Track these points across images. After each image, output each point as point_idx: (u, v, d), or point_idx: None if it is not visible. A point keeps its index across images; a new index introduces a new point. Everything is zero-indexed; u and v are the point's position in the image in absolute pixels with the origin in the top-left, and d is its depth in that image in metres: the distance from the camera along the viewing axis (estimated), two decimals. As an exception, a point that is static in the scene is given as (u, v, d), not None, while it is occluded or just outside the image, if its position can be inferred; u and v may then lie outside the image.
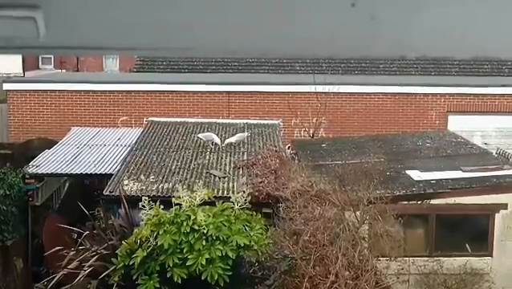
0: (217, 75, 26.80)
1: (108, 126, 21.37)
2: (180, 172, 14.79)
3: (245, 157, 15.88)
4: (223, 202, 11.94)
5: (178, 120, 19.60)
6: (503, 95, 23.53)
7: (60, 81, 24.26)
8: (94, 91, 23.09)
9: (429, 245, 14.11)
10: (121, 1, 1.35)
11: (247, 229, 11.40)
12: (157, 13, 1.35)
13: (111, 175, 14.83)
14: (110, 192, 13.59)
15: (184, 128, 18.50)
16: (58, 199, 17.66)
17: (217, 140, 16.62)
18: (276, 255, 11.86)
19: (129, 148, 16.98)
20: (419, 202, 13.82)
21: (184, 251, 11.01)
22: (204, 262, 10.85)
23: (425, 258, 13.63)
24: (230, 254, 11.01)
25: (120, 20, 1.36)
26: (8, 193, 15.24)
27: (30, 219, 16.15)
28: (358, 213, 12.28)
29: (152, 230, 11.24)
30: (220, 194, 13.25)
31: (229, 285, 11.10)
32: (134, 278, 11.29)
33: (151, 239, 11.16)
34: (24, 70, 33.41)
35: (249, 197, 12.01)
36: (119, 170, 14.93)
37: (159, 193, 13.43)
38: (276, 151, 15.98)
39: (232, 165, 15.32)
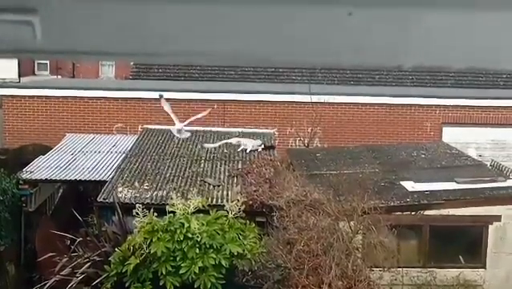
0: (212, 83, 26.79)
1: (103, 133, 21.34)
2: (175, 180, 14.77)
3: (239, 166, 15.88)
4: (217, 211, 11.93)
5: (173, 127, 19.54)
6: (498, 107, 23.58)
7: (56, 87, 24.23)
8: (89, 98, 23.07)
9: (423, 256, 14.12)
10: (118, 7, 1.35)
11: (241, 237, 11.38)
12: (155, 19, 1.35)
13: (106, 182, 14.80)
14: (104, 198, 13.56)
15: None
16: (51, 205, 17.61)
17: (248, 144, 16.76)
18: (269, 264, 11.85)
19: (124, 155, 16.95)
20: (413, 213, 13.83)
21: (178, 259, 10.98)
22: (197, 271, 10.83)
23: (419, 269, 13.63)
24: (224, 262, 10.99)
25: (117, 26, 1.37)
26: (1, 198, 15.19)
27: (23, 225, 16.09)
28: (352, 223, 12.28)
29: (145, 238, 11.21)
30: (214, 202, 13.24)
31: (222, 293, 11.07)
32: (127, 285, 11.25)
33: (144, 247, 11.13)
34: (20, 75, 33.34)
35: (243, 206, 11.99)
36: (113, 177, 14.90)
37: (153, 201, 13.40)
38: (271, 160, 15.97)
39: (226, 174, 15.31)
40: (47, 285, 12.33)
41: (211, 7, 1.34)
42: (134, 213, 11.83)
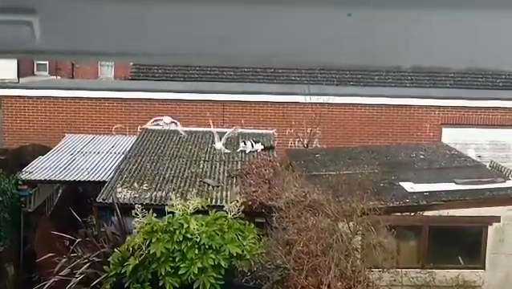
0: (212, 84, 26.79)
1: (103, 133, 21.34)
2: (174, 181, 14.77)
3: (239, 166, 15.88)
4: (216, 211, 11.93)
5: (172, 128, 19.57)
6: (497, 108, 23.60)
7: (55, 88, 24.22)
8: (89, 99, 23.08)
9: (422, 257, 14.11)
10: (118, 7, 1.34)
11: (240, 238, 11.39)
12: (154, 19, 1.35)
13: (105, 182, 14.80)
14: (103, 199, 13.56)
15: (178, 136, 18.49)
16: (51, 206, 17.61)
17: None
18: (268, 265, 11.84)
19: (123, 156, 16.95)
20: (412, 214, 13.82)
21: (177, 260, 10.98)
22: (196, 271, 10.83)
23: (418, 270, 13.63)
24: (223, 263, 10.99)
25: (117, 26, 1.36)
26: (1, 199, 15.19)
27: (22, 225, 16.09)
28: (351, 223, 12.27)
29: (144, 238, 11.21)
30: (213, 203, 13.23)
31: (221, 294, 11.07)
32: (126, 286, 11.25)
33: (143, 247, 11.13)
34: (19, 76, 33.33)
35: (243, 207, 11.99)
36: (112, 178, 14.90)
37: (152, 201, 13.40)
38: (270, 160, 15.97)
39: (226, 174, 15.31)
40: (46, 285, 12.33)
41: (211, 7, 1.34)
42: (133, 214, 11.83)
